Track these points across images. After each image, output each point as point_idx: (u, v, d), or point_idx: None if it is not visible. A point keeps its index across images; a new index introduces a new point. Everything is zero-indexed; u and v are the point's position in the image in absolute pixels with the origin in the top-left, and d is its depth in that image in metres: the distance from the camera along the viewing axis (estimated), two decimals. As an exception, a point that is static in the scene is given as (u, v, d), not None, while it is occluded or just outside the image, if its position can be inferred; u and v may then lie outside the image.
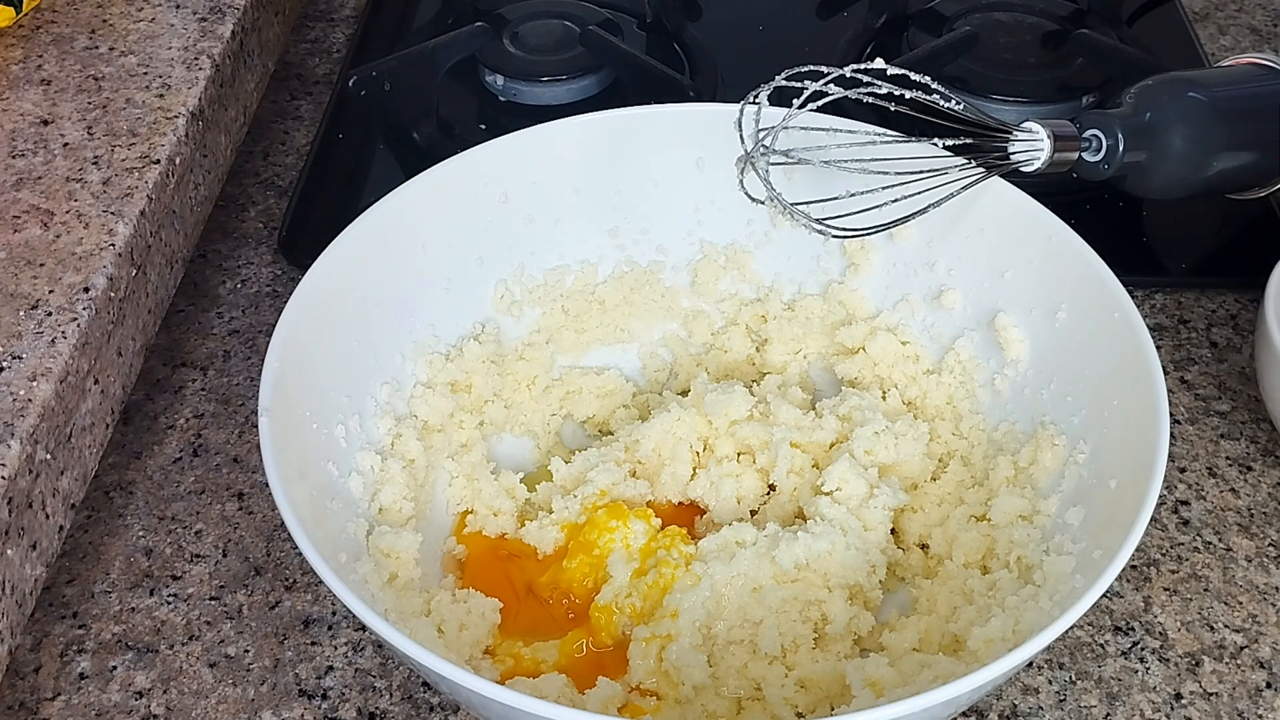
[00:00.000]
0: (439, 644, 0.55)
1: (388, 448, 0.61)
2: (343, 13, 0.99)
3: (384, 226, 0.63)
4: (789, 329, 0.69)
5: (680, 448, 0.63)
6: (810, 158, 0.61)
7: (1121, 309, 0.58)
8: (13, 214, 0.63)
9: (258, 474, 0.67)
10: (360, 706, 0.57)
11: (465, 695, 0.48)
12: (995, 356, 0.64)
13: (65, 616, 0.60)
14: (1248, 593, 0.62)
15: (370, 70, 0.83)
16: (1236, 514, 0.65)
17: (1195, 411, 0.70)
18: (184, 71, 0.73)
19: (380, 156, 0.86)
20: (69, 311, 0.58)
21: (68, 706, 0.57)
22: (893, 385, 0.66)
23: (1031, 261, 0.63)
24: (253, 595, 0.61)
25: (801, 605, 0.57)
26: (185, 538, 0.64)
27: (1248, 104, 0.69)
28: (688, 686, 0.55)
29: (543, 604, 0.60)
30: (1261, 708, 0.57)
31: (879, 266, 0.68)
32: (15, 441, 0.52)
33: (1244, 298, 0.76)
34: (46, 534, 0.55)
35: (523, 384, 0.68)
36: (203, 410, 0.70)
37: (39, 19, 0.76)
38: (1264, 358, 0.64)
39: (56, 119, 0.69)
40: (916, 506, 0.62)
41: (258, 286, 0.77)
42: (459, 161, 0.66)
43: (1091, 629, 0.60)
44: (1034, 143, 0.63)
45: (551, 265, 0.69)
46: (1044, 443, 0.59)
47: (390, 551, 0.56)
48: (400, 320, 0.64)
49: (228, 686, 0.58)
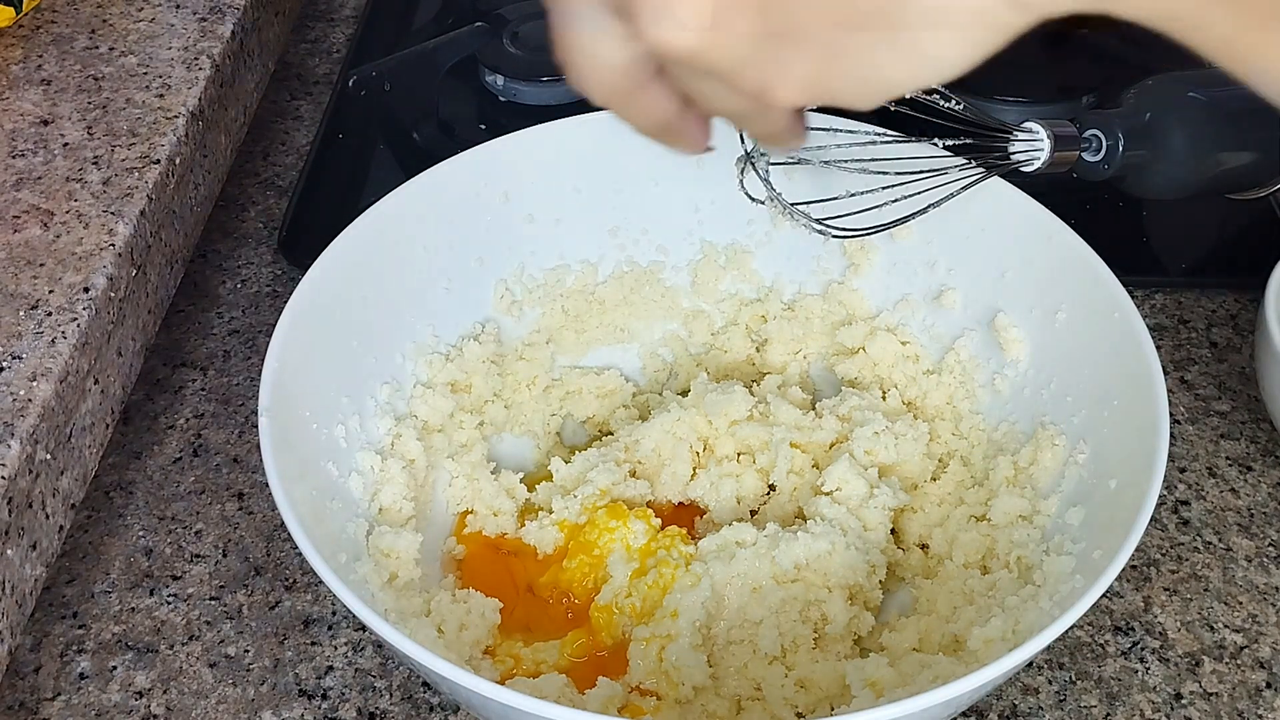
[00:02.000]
0: (439, 644, 0.55)
1: (388, 448, 0.61)
2: (343, 13, 1.00)
3: (384, 226, 0.63)
4: (789, 329, 0.69)
5: (680, 448, 0.63)
6: (810, 158, 0.61)
7: (1121, 309, 0.58)
8: (13, 214, 0.63)
9: (258, 474, 0.67)
10: (360, 706, 0.57)
11: (465, 695, 0.48)
12: (995, 356, 0.64)
13: (65, 616, 0.60)
14: (1248, 593, 0.62)
15: (370, 70, 0.83)
16: (1236, 514, 0.65)
17: (1195, 411, 0.70)
18: (184, 71, 0.73)
19: (380, 156, 0.86)
20: (69, 311, 0.58)
21: (68, 706, 0.57)
22: (893, 385, 0.66)
23: (1031, 261, 0.63)
24: (253, 595, 0.61)
25: (801, 605, 0.57)
26: (185, 538, 0.64)
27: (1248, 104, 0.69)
28: (688, 686, 0.55)
29: (543, 604, 0.60)
30: (1261, 708, 0.57)
31: (879, 266, 0.68)
32: (15, 441, 0.52)
33: (1244, 298, 0.76)
34: (46, 534, 0.55)
35: (523, 384, 0.68)
36: (203, 410, 0.70)
37: (39, 19, 0.76)
38: (1264, 358, 0.64)
39: (56, 119, 0.69)
40: (916, 507, 0.62)
41: (258, 286, 0.77)
42: (459, 161, 0.66)
43: (1091, 629, 0.60)
44: (1034, 143, 0.63)
45: (552, 265, 0.69)
46: (1044, 443, 0.59)
47: (390, 551, 0.56)
48: (400, 320, 0.64)
49: (228, 686, 0.58)
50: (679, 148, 0.42)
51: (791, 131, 0.40)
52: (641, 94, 0.37)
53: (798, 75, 0.33)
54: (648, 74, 0.36)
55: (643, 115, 0.39)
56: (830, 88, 0.33)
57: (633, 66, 0.36)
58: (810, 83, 0.33)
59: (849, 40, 0.32)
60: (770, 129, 0.39)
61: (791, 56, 0.32)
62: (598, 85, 0.38)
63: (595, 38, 0.36)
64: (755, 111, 0.37)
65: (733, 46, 0.33)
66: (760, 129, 0.39)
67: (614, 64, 0.36)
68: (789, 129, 0.39)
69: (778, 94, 0.33)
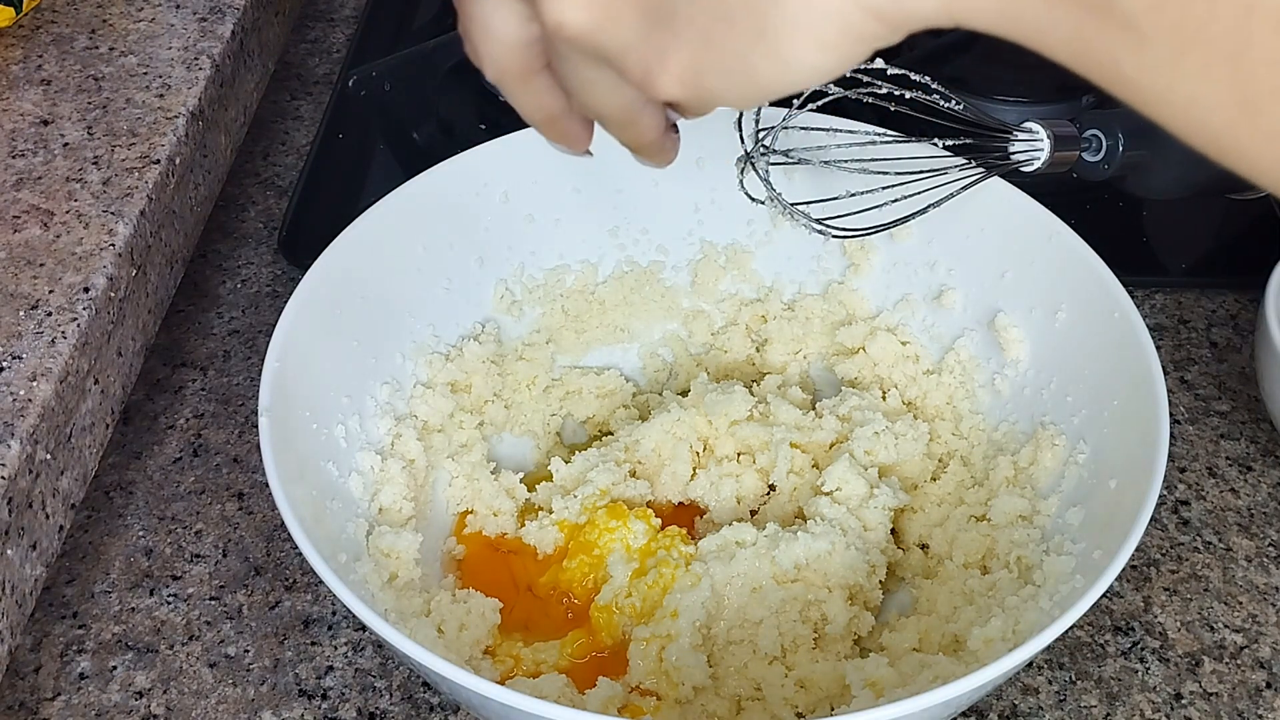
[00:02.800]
0: (439, 644, 0.55)
1: (388, 448, 0.61)
2: (343, 13, 1.00)
3: (384, 226, 0.63)
4: (789, 329, 0.69)
5: (680, 448, 0.63)
6: (810, 158, 0.61)
7: (1121, 309, 0.58)
8: (13, 214, 0.63)
9: (258, 474, 0.67)
10: (360, 706, 0.57)
11: (465, 695, 0.48)
12: (995, 356, 0.64)
13: (65, 616, 0.60)
14: (1248, 593, 0.62)
15: (370, 70, 0.83)
16: (1236, 514, 0.65)
17: (1195, 411, 0.70)
18: (184, 71, 0.73)
19: (380, 156, 0.86)
20: (69, 311, 0.58)
21: (68, 706, 0.57)
22: (893, 385, 0.66)
23: (1032, 261, 0.63)
24: (253, 595, 0.61)
25: (801, 605, 0.57)
26: (185, 538, 0.64)
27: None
28: (688, 686, 0.55)
29: (543, 604, 0.60)
30: (1261, 708, 0.57)
31: (879, 266, 0.68)
32: (15, 441, 0.52)
33: (1244, 298, 0.76)
34: (46, 534, 0.55)
35: (523, 384, 0.68)
36: (203, 410, 0.70)
37: (39, 19, 0.76)
38: (1264, 358, 0.64)
39: (56, 119, 0.69)
40: (916, 507, 0.62)
41: (258, 286, 0.77)
42: (459, 161, 0.66)
43: (1091, 629, 0.60)
44: (1034, 143, 0.63)
45: (552, 265, 0.69)
46: (1044, 443, 0.59)
47: (390, 551, 0.56)
48: (400, 320, 0.64)
49: (228, 686, 0.58)
50: (562, 145, 0.43)
51: (663, 144, 0.41)
52: (533, 78, 0.39)
53: (677, 65, 0.34)
54: (541, 60, 0.37)
55: (531, 102, 0.40)
56: (707, 82, 0.35)
57: (527, 49, 0.38)
58: (689, 76, 0.34)
59: (723, 36, 0.33)
60: (643, 138, 0.40)
61: (673, 46, 0.34)
62: (491, 62, 0.39)
63: (496, 13, 0.37)
64: (631, 114, 0.39)
65: (621, 31, 0.34)
66: (633, 136, 0.40)
67: (510, 42, 0.38)
68: (661, 140, 0.40)
69: (659, 82, 0.35)
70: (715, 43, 0.34)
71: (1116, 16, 0.30)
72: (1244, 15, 0.28)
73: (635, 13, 0.34)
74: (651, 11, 0.33)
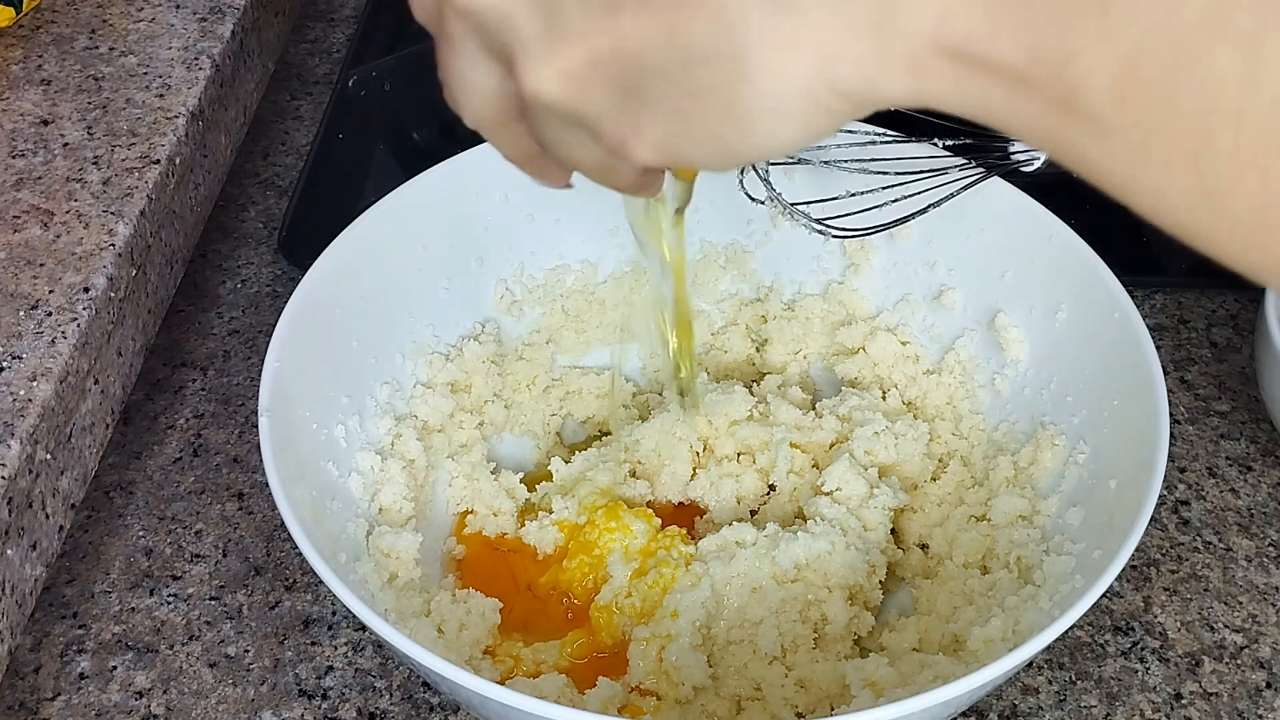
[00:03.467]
0: (439, 644, 0.55)
1: (388, 448, 0.61)
2: (343, 13, 1.00)
3: (384, 226, 0.63)
4: (789, 329, 0.69)
5: (680, 448, 0.63)
6: (810, 158, 0.61)
7: (1121, 309, 0.58)
8: (13, 214, 0.63)
9: (258, 474, 0.67)
10: (360, 706, 0.57)
11: (465, 695, 0.48)
12: (995, 356, 0.64)
13: (65, 616, 0.60)
14: (1248, 593, 0.62)
15: (370, 70, 0.83)
16: (1236, 514, 0.65)
17: (1195, 411, 0.70)
18: (184, 71, 0.73)
19: (380, 156, 0.86)
20: (69, 311, 0.58)
21: (68, 706, 0.57)
22: (893, 385, 0.66)
23: (1032, 261, 0.63)
24: (253, 595, 0.61)
25: (801, 605, 0.57)
26: (185, 538, 0.64)
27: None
28: (688, 686, 0.55)
29: (543, 604, 0.60)
30: (1261, 708, 0.57)
31: (879, 266, 0.68)
32: (15, 441, 0.52)
33: (1244, 298, 0.76)
34: (46, 534, 0.55)
35: (523, 384, 0.68)
36: (203, 410, 0.70)
37: (39, 19, 0.76)
38: (1264, 358, 0.64)
39: (56, 119, 0.69)
40: (916, 507, 0.62)
41: (258, 286, 0.77)
42: (459, 161, 0.66)
43: (1091, 629, 0.60)
44: (1034, 143, 0.63)
45: (552, 265, 0.69)
46: (1044, 443, 0.59)
47: (390, 551, 0.56)
48: (400, 320, 0.64)
49: (228, 686, 0.58)
50: (542, 181, 0.44)
51: (643, 184, 0.42)
52: (511, 125, 0.40)
53: (652, 136, 0.35)
54: (517, 110, 0.39)
55: (510, 145, 0.41)
56: (682, 152, 0.35)
57: (504, 100, 0.39)
58: (663, 145, 0.35)
59: (693, 110, 0.34)
60: (619, 184, 0.41)
61: (646, 116, 0.35)
62: (470, 112, 0.40)
63: (474, 68, 0.38)
64: (606, 166, 0.39)
65: (596, 101, 0.35)
66: (610, 183, 0.41)
67: (487, 95, 0.39)
68: (639, 182, 0.41)
69: (634, 151, 0.36)
70: (686, 115, 0.34)
71: (1080, 111, 0.30)
72: (1205, 114, 0.29)
73: (609, 85, 0.34)
74: (625, 85, 0.34)
